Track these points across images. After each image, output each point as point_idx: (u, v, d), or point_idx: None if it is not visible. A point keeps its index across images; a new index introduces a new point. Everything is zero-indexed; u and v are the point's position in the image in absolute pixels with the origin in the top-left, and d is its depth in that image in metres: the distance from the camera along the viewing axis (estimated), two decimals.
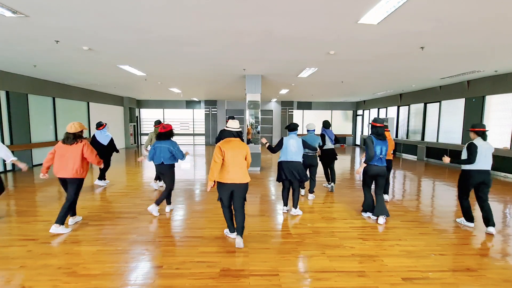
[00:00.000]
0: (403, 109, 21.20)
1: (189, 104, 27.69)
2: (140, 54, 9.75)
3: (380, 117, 24.73)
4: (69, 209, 6.36)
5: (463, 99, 15.23)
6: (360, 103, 27.57)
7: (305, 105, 28.29)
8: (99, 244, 5.63)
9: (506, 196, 9.43)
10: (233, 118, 7.98)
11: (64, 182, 6.41)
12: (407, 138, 20.61)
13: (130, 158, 18.48)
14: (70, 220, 6.69)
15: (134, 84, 16.86)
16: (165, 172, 7.41)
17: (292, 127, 7.54)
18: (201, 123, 28.06)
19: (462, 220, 6.92)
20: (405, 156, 20.33)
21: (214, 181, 5.53)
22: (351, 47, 8.69)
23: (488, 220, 6.38)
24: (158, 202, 7.35)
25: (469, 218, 6.76)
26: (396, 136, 21.74)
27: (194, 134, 28.10)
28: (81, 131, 6.38)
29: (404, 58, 9.90)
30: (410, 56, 9.61)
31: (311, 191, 9.02)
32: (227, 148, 5.43)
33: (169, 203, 7.74)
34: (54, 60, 10.66)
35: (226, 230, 6.15)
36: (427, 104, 18.43)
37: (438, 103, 17.30)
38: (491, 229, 6.31)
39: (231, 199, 5.70)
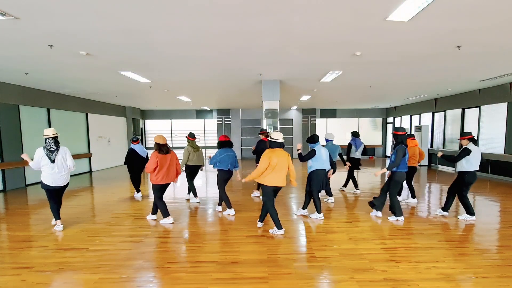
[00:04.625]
0: (439, 116, 21.07)
1: (200, 113, 27.83)
2: (144, 59, 9.80)
3: (401, 126, 25.23)
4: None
5: (506, 104, 15.05)
6: (390, 109, 27.43)
7: (329, 113, 28.19)
8: (102, 271, 5.62)
9: None
10: (265, 130, 10.09)
11: (165, 187, 8.31)
12: (443, 147, 20.41)
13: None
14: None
15: (138, 92, 16.93)
16: (230, 178, 9.26)
17: (316, 139, 8.74)
18: (214, 135, 27.95)
19: (466, 216, 8.50)
20: (442, 168, 20.14)
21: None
22: (380, 47, 8.68)
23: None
24: (230, 205, 9.25)
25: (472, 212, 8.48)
26: (432, 146, 21.56)
27: (205, 147, 27.72)
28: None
29: (439, 58, 9.85)
30: (445, 56, 9.56)
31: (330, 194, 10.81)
32: (274, 156, 7.19)
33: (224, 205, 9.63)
34: (48, 67, 10.66)
35: (273, 230, 7.52)
36: (465, 110, 18.25)
37: (478, 108, 17.11)
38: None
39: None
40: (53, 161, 7.49)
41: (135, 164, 11.71)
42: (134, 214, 9.18)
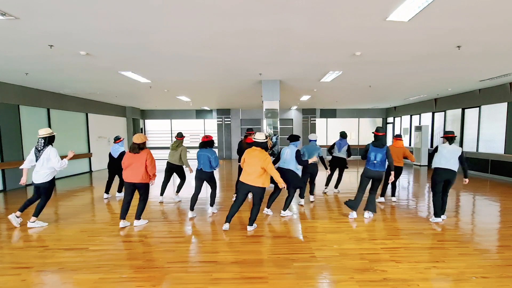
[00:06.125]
0: (439, 116, 21.06)
1: (200, 113, 27.78)
2: (144, 59, 9.80)
3: (382, 126, 25.31)
4: (143, 207, 8.36)
5: (506, 104, 15.04)
6: (390, 109, 27.42)
7: (329, 113, 28.13)
8: (101, 271, 5.61)
9: None
10: (251, 129, 10.31)
11: (131, 186, 8.10)
12: None
13: None
14: (121, 223, 8.19)
15: (138, 92, 16.91)
16: (206, 179, 8.98)
17: (292, 138, 9.21)
18: (213, 135, 27.62)
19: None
20: None
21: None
22: (379, 47, 8.68)
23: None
24: (211, 204, 9.50)
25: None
26: (432, 146, 21.52)
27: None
28: (144, 142, 8.09)
29: (439, 58, 9.86)
30: (445, 56, 9.56)
31: (302, 195, 10.36)
32: (246, 154, 7.69)
33: (211, 205, 9.53)
34: (48, 67, 10.64)
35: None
36: (465, 110, 18.23)
37: (478, 108, 17.09)
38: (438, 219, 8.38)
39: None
40: (37, 160, 7.92)
41: (109, 164, 11.71)
42: (134, 214, 9.15)
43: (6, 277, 5.40)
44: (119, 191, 11.79)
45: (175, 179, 14.07)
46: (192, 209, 9.06)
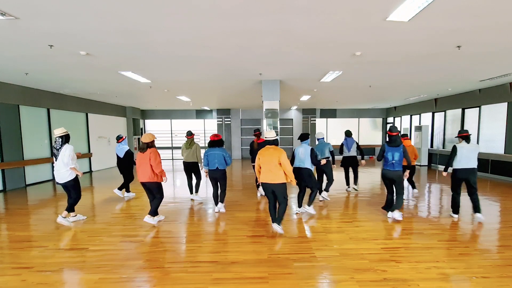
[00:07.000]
0: (439, 116, 21.07)
1: (200, 113, 27.78)
2: (144, 59, 9.79)
3: (395, 125, 25.92)
4: (158, 205, 8.32)
5: (506, 104, 15.02)
6: (390, 109, 27.40)
7: (329, 113, 28.14)
8: (102, 271, 5.60)
9: None
10: (258, 130, 10.58)
11: (145, 186, 8.20)
12: (443, 147, 20.39)
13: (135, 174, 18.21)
14: (155, 218, 8.38)
15: (138, 92, 16.90)
16: (220, 176, 9.33)
17: (303, 137, 9.15)
18: None
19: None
20: (442, 168, 19.96)
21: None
22: (380, 47, 8.68)
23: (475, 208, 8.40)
24: (222, 200, 9.48)
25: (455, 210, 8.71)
26: (432, 145, 21.58)
27: (206, 147, 26.83)
28: (153, 141, 8.14)
29: (439, 58, 9.85)
30: (445, 56, 9.55)
31: (326, 190, 11.05)
32: (260, 154, 7.49)
33: (222, 201, 9.54)
34: (48, 67, 10.63)
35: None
36: (465, 110, 18.22)
37: (478, 108, 17.08)
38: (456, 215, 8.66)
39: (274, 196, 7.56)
40: (56, 159, 8.07)
41: (118, 164, 11.93)
42: (134, 214, 9.16)
43: (7, 277, 5.39)
44: (120, 188, 11.79)
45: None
46: (217, 203, 9.52)
